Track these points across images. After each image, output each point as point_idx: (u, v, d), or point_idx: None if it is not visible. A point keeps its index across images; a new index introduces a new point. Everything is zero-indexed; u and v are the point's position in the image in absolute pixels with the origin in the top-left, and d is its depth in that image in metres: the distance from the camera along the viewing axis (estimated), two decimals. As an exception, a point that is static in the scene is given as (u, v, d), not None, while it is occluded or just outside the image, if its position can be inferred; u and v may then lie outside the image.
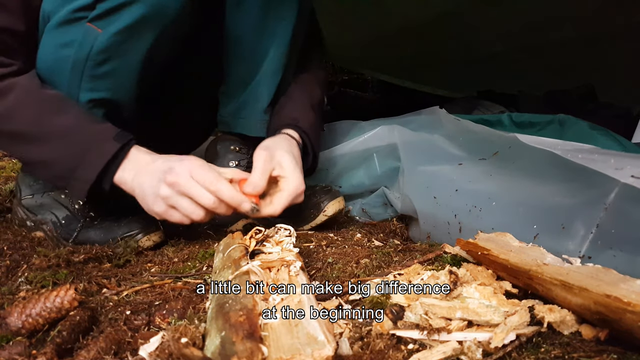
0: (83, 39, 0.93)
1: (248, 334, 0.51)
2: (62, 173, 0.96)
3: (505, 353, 0.55)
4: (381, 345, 0.58)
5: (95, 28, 0.92)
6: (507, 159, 1.04)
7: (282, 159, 1.05)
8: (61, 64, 0.96)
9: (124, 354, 0.60)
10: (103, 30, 0.92)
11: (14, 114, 0.94)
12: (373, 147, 1.36)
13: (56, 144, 0.95)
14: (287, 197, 1.02)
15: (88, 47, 0.93)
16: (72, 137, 0.95)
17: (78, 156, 0.94)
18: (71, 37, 0.94)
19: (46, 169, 0.99)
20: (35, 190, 1.12)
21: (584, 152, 0.87)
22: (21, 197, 1.14)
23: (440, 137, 1.29)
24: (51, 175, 1.01)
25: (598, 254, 0.73)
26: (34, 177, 1.13)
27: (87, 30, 0.92)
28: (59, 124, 0.95)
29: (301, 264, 0.74)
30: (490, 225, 0.91)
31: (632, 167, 0.75)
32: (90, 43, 0.93)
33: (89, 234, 1.07)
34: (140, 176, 0.97)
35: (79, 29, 0.93)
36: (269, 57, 1.18)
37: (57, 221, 1.09)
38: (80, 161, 0.94)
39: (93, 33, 0.92)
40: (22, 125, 0.94)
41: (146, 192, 0.95)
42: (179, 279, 0.87)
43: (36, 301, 0.67)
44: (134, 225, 1.06)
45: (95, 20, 0.92)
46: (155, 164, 0.96)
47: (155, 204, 0.95)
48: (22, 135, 0.95)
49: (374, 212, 1.40)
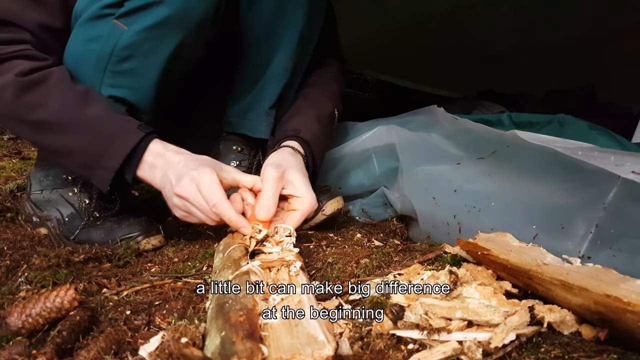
0: (109, 35, 0.96)
1: (248, 334, 0.51)
2: (87, 162, 0.98)
3: (505, 353, 0.55)
4: (381, 345, 0.58)
5: (122, 25, 0.95)
6: (506, 158, 1.04)
7: (294, 178, 1.02)
8: (86, 57, 0.99)
9: (124, 354, 0.60)
10: (128, 27, 0.95)
11: (45, 103, 0.95)
12: (372, 148, 1.36)
13: (82, 133, 0.97)
14: (301, 217, 1.00)
15: (113, 43, 0.96)
16: (98, 127, 0.96)
17: (103, 145, 0.96)
18: (98, 32, 0.97)
19: (72, 158, 1.00)
20: (44, 186, 1.14)
21: (583, 149, 0.87)
22: (30, 192, 1.16)
23: (438, 136, 1.29)
24: (76, 164, 1.01)
25: (598, 254, 0.73)
26: (44, 173, 1.14)
27: (114, 26, 0.95)
28: (86, 115, 0.96)
29: (301, 264, 0.74)
30: (489, 225, 0.91)
31: (632, 163, 0.75)
32: (115, 39, 0.96)
33: (90, 233, 1.08)
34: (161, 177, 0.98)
35: (106, 25, 0.96)
36: (275, 60, 1.20)
37: (61, 218, 1.11)
38: (105, 150, 0.96)
39: (119, 29, 0.95)
40: (52, 114, 0.96)
41: (167, 195, 0.99)
42: (179, 279, 0.87)
43: (36, 301, 0.67)
44: (135, 228, 1.06)
45: (122, 17, 0.95)
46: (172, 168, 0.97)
47: (173, 209, 0.99)
48: (51, 124, 0.96)
49: (373, 212, 1.40)
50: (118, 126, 0.98)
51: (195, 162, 0.97)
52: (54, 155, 1.05)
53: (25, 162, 1.72)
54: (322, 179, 1.41)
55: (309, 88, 1.31)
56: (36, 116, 0.96)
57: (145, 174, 0.99)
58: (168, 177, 0.96)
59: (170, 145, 1.01)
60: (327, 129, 1.28)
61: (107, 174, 0.97)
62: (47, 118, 0.96)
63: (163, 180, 0.98)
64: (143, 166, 0.98)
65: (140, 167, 0.98)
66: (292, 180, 1.02)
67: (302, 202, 1.01)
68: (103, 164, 0.97)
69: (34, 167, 1.18)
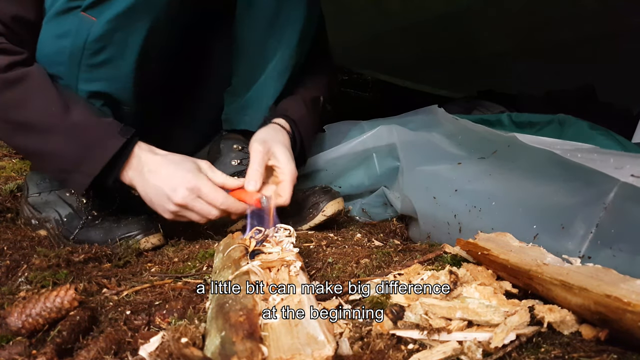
0: (78, 28, 0.94)
1: (248, 334, 0.51)
2: (65, 166, 0.97)
3: (505, 353, 0.55)
4: (381, 345, 0.58)
5: (90, 17, 0.93)
6: (507, 158, 1.04)
7: (276, 151, 1.09)
8: (59, 54, 0.97)
9: (124, 354, 0.60)
10: (97, 18, 0.93)
11: (25, 104, 0.94)
12: (372, 147, 1.36)
13: (64, 138, 0.95)
14: (289, 186, 1.07)
15: (84, 36, 0.94)
16: (80, 133, 0.95)
17: (84, 150, 0.95)
18: (67, 27, 0.95)
19: (49, 161, 0.99)
20: (42, 188, 1.14)
21: (583, 151, 0.87)
22: (28, 195, 1.15)
23: (439, 136, 1.29)
24: (53, 168, 1.01)
25: (598, 254, 0.73)
26: (41, 176, 1.14)
27: (82, 19, 0.93)
28: (69, 120, 0.95)
29: (301, 264, 0.74)
30: (490, 225, 0.91)
31: (631, 166, 0.74)
32: (86, 32, 0.94)
33: (89, 233, 1.07)
34: (146, 184, 0.99)
35: (74, 19, 0.94)
36: (276, 58, 1.21)
37: (59, 219, 1.10)
38: (86, 155, 0.95)
39: (88, 22, 0.93)
40: (34, 116, 0.94)
41: (154, 202, 1.00)
42: (179, 279, 0.87)
43: (36, 301, 0.67)
44: (134, 227, 1.06)
45: (89, 9, 0.93)
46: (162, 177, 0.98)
47: (164, 213, 1.02)
48: (30, 126, 0.95)
49: (374, 212, 1.40)
50: (100, 131, 0.97)
51: (184, 169, 1.00)
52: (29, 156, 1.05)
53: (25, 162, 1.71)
54: (322, 177, 1.41)
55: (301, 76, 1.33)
56: (16, 116, 0.94)
57: (127, 179, 1.00)
58: (159, 187, 0.98)
59: (153, 148, 1.02)
60: (314, 112, 1.31)
61: (85, 179, 0.96)
62: (28, 119, 0.94)
63: (151, 189, 0.99)
64: (126, 171, 0.99)
65: (123, 173, 0.99)
66: (275, 152, 1.09)
67: (284, 172, 1.08)
68: (83, 169, 0.96)
69: (30, 171, 1.18)
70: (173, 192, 0.98)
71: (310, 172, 1.40)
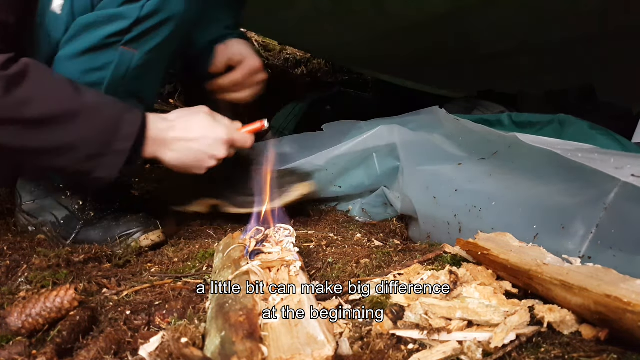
0: (120, 61, 0.96)
1: (248, 334, 0.51)
2: (93, 151, 0.92)
3: (505, 353, 0.55)
4: (381, 345, 0.58)
5: (131, 49, 0.96)
6: (507, 159, 1.04)
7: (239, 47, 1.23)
8: (94, 86, 0.97)
9: (124, 354, 0.60)
10: (138, 50, 0.97)
11: (37, 97, 0.88)
12: (372, 147, 1.36)
13: (84, 121, 0.91)
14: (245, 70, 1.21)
15: (125, 68, 0.97)
16: (98, 112, 0.92)
17: (109, 129, 0.92)
18: (105, 60, 0.97)
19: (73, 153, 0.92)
20: (36, 195, 1.12)
21: (583, 151, 0.87)
22: (21, 204, 1.13)
23: (439, 136, 1.29)
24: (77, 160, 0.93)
25: (598, 254, 0.73)
26: (35, 183, 1.12)
27: (123, 52, 0.96)
28: (85, 102, 0.91)
29: (301, 264, 0.74)
30: (490, 225, 0.91)
31: (632, 166, 0.75)
32: (127, 63, 0.97)
33: (89, 233, 1.07)
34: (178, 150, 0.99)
35: (114, 53, 0.96)
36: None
37: (56, 221, 1.10)
38: (113, 133, 0.92)
39: (129, 54, 0.97)
40: (49, 108, 0.89)
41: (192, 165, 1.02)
42: (179, 279, 0.87)
43: (36, 301, 0.67)
44: (133, 224, 1.06)
45: (130, 42, 0.96)
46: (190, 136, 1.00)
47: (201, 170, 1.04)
48: (47, 120, 0.89)
49: (374, 212, 1.40)
50: (117, 107, 0.94)
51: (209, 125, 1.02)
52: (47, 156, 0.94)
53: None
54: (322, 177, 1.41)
55: None
56: (31, 113, 0.87)
57: (150, 152, 0.97)
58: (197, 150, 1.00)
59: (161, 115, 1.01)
60: None
61: (119, 159, 0.93)
62: (44, 113, 0.89)
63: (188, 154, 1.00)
64: (148, 143, 0.97)
65: (145, 148, 0.96)
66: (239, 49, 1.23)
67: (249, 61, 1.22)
68: (115, 147, 0.92)
69: (21, 180, 1.14)
70: (216, 149, 1.01)
71: (311, 171, 1.40)
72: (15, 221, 1.17)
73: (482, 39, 2.32)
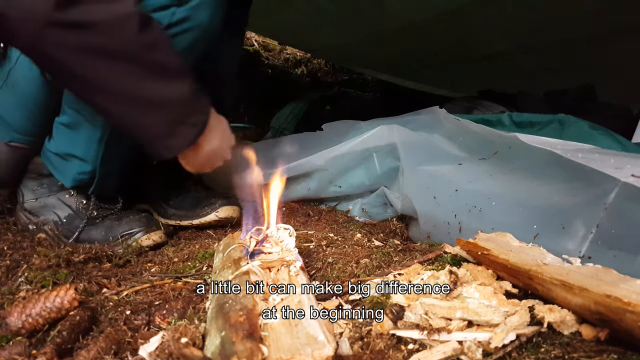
0: None
1: (248, 334, 0.51)
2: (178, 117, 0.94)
3: (506, 353, 0.55)
4: (381, 345, 0.58)
5: None
6: (507, 159, 1.04)
7: None
8: None
9: (124, 354, 0.60)
10: None
11: (161, 46, 0.89)
12: (373, 147, 1.36)
13: (186, 84, 0.93)
14: None
15: None
16: (192, 82, 0.94)
17: (195, 101, 0.95)
18: None
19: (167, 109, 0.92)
20: (39, 194, 1.13)
21: (584, 151, 0.87)
22: (23, 202, 1.14)
23: (440, 137, 1.29)
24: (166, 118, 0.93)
25: (598, 254, 0.73)
26: (38, 182, 1.13)
27: None
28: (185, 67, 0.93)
29: (301, 264, 0.74)
30: (490, 225, 0.91)
31: (632, 166, 0.74)
32: None
33: (91, 232, 1.08)
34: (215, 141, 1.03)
35: None
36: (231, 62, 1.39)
37: (58, 220, 1.10)
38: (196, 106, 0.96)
39: None
40: (168, 59, 0.90)
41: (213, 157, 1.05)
42: (179, 279, 0.87)
43: (36, 301, 0.67)
44: (135, 224, 1.07)
45: None
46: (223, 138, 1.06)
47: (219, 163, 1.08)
48: (165, 69, 0.90)
49: (374, 212, 1.40)
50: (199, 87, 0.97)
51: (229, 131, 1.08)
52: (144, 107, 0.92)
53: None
54: (322, 177, 1.41)
55: None
56: (155, 57, 0.88)
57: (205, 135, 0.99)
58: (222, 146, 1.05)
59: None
60: None
61: (192, 132, 0.95)
62: (164, 61, 0.89)
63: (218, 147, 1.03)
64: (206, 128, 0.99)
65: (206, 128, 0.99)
66: None
67: None
68: (193, 119, 0.95)
69: (24, 179, 1.15)
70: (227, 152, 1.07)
71: (311, 171, 1.40)
72: (16, 220, 1.17)
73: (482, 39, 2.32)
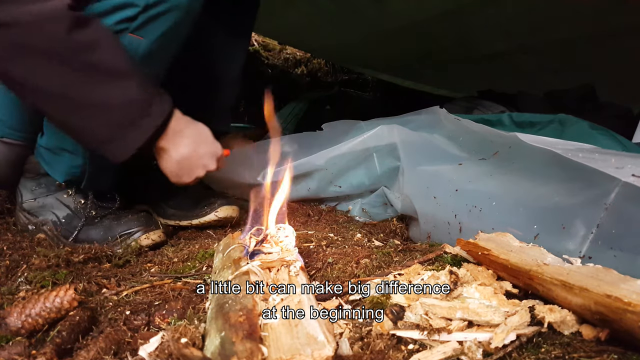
0: (127, 48, 0.95)
1: (248, 334, 0.51)
2: (124, 119, 0.91)
3: (506, 353, 0.55)
4: (381, 346, 0.58)
5: (137, 37, 0.96)
6: (508, 159, 1.04)
7: None
8: None
9: (124, 354, 0.60)
10: (145, 38, 0.96)
11: (98, 47, 0.87)
12: (373, 147, 1.36)
13: (132, 87, 0.91)
14: None
15: (132, 55, 0.96)
16: (145, 84, 0.92)
17: (148, 101, 0.92)
18: None
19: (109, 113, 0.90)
20: (37, 194, 1.13)
21: (584, 151, 0.87)
22: (22, 202, 1.14)
23: (440, 137, 1.29)
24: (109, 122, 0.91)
25: (598, 254, 0.73)
26: (36, 182, 1.13)
27: (130, 40, 0.95)
28: (135, 69, 0.92)
29: (301, 264, 0.74)
30: (490, 225, 0.91)
31: (632, 166, 0.74)
32: (133, 51, 0.96)
33: (89, 231, 1.08)
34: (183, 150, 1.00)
35: (122, 40, 0.95)
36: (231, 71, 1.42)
37: (57, 220, 1.10)
38: (149, 108, 0.92)
39: (135, 42, 0.96)
40: (106, 59, 0.87)
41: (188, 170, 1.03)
42: (178, 279, 0.87)
43: (36, 301, 0.67)
44: (134, 224, 1.07)
45: (137, 30, 0.95)
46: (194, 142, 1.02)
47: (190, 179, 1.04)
48: (102, 70, 0.87)
49: (374, 212, 1.40)
50: (154, 85, 0.96)
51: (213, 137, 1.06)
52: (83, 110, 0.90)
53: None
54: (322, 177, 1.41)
55: None
56: (88, 58, 0.85)
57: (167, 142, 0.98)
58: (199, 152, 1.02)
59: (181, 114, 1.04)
60: None
61: (142, 136, 0.92)
62: (101, 62, 0.87)
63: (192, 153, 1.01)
64: (168, 133, 0.97)
65: (165, 133, 0.97)
66: None
67: None
68: (143, 123, 0.92)
69: (23, 178, 1.16)
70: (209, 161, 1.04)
71: (311, 171, 1.40)
72: (15, 220, 1.17)
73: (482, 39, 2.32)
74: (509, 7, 1.97)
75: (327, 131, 1.52)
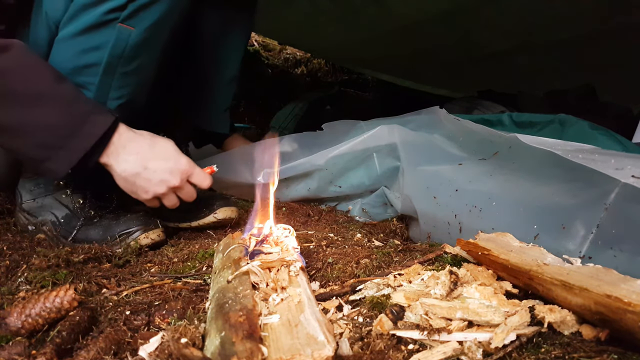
0: (117, 39, 0.95)
1: (248, 334, 0.51)
2: (49, 141, 0.91)
3: (506, 353, 0.55)
4: (381, 346, 0.58)
5: (128, 27, 0.95)
6: (507, 159, 1.04)
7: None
8: (91, 67, 0.98)
9: (124, 354, 0.60)
10: (135, 27, 0.96)
11: (13, 72, 0.88)
12: (373, 147, 1.36)
13: (52, 107, 0.90)
14: None
15: (122, 46, 0.96)
16: (69, 103, 0.91)
17: (75, 124, 0.91)
18: (102, 39, 0.96)
19: (30, 136, 0.91)
20: (36, 194, 1.13)
21: (584, 152, 0.87)
22: (22, 202, 1.14)
23: (440, 137, 1.29)
24: (34, 144, 0.91)
25: (598, 254, 0.73)
26: (34, 182, 1.13)
27: (120, 30, 0.95)
28: (59, 88, 0.91)
29: (301, 264, 0.74)
30: (490, 225, 0.91)
31: (632, 167, 0.74)
32: (124, 41, 0.96)
33: (89, 232, 1.08)
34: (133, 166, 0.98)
35: (111, 31, 0.95)
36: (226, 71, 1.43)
37: (56, 220, 1.10)
38: (78, 129, 0.91)
39: (126, 32, 0.96)
40: (17, 85, 0.88)
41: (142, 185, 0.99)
42: (178, 279, 0.87)
43: (36, 301, 0.67)
44: (133, 223, 1.07)
45: (127, 19, 0.95)
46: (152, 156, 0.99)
47: (147, 195, 1.01)
48: (13, 96, 0.88)
49: (374, 212, 1.40)
50: (90, 106, 0.94)
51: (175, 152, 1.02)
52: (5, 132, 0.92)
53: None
54: (322, 176, 1.41)
55: None
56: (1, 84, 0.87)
57: (109, 159, 0.96)
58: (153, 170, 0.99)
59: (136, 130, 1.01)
60: None
61: (73, 156, 0.91)
62: (13, 88, 0.88)
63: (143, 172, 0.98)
64: (110, 150, 0.96)
65: (105, 153, 0.95)
66: None
67: None
68: (73, 144, 0.91)
69: (21, 179, 1.16)
70: (170, 176, 1.00)
71: (311, 171, 1.40)
72: (15, 220, 1.17)
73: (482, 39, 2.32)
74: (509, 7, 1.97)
75: (327, 131, 1.52)
